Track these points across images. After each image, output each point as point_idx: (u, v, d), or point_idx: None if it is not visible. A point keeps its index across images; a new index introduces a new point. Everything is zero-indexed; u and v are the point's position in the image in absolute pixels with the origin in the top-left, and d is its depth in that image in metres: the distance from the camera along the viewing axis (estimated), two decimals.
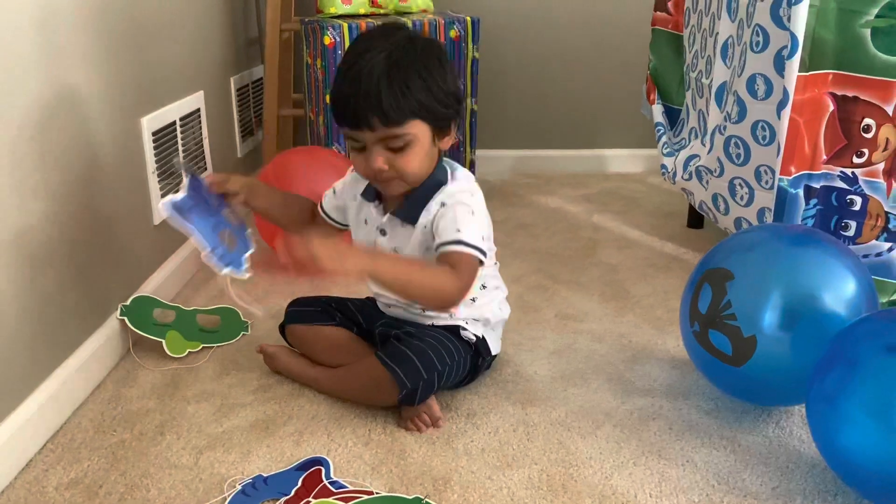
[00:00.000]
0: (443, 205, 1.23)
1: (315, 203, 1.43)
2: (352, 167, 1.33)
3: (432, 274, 1.18)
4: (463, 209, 1.22)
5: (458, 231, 1.19)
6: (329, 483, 1.11)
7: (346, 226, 1.40)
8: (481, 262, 1.22)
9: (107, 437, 1.23)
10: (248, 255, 1.25)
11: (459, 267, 1.18)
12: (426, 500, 1.08)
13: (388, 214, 1.29)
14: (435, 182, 1.25)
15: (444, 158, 1.29)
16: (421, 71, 1.16)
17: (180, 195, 1.22)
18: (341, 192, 1.38)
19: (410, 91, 1.14)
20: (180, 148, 1.78)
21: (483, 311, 1.35)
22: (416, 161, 1.20)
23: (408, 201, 1.26)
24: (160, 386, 1.38)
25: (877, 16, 1.42)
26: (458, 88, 1.23)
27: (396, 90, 1.13)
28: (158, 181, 1.66)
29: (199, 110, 1.93)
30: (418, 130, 1.17)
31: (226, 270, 1.19)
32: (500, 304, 1.40)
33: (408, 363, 1.22)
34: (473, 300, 1.34)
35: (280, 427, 1.26)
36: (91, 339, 1.38)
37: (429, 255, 1.25)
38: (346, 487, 1.10)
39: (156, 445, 1.21)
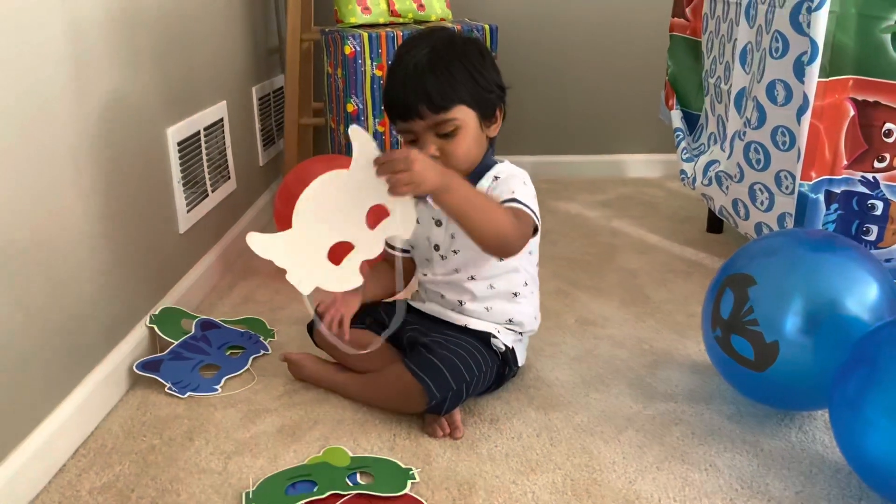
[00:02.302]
0: (495, 178, 1.30)
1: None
2: None
3: (500, 212, 1.20)
4: (516, 181, 1.29)
5: (513, 192, 1.26)
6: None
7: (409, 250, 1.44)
8: (536, 230, 1.29)
9: (137, 443, 1.25)
10: (224, 378, 1.43)
11: (521, 218, 1.24)
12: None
13: None
14: (485, 166, 1.32)
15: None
16: (463, 60, 1.24)
17: (155, 356, 1.46)
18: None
19: (454, 77, 1.23)
20: (204, 158, 1.81)
21: (522, 312, 1.37)
22: (464, 146, 1.26)
23: None
24: None
25: None
26: (500, 79, 1.30)
27: (441, 77, 1.22)
28: (184, 190, 1.69)
29: (222, 120, 1.96)
30: (465, 115, 1.25)
31: (188, 394, 1.38)
32: (535, 314, 1.41)
33: (437, 373, 1.23)
34: (515, 295, 1.36)
35: (306, 432, 1.28)
36: (120, 346, 1.40)
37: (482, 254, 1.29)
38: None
39: (185, 450, 1.23)
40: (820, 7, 1.43)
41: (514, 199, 1.25)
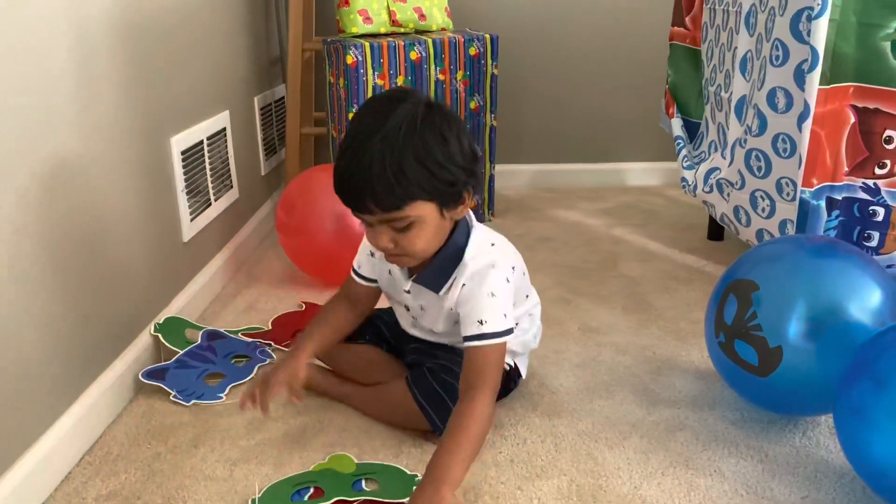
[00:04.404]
0: (464, 286, 1.19)
1: (347, 302, 1.37)
2: None
3: (476, 426, 1.09)
4: (483, 293, 1.17)
5: (481, 323, 1.16)
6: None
7: (376, 281, 1.35)
8: (510, 332, 1.19)
9: (142, 450, 1.25)
10: (230, 386, 1.44)
11: (484, 371, 1.15)
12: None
13: (411, 281, 1.26)
14: (454, 249, 1.20)
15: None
16: (418, 152, 1.06)
17: (160, 364, 1.46)
18: (371, 254, 1.32)
19: (405, 175, 1.06)
20: (207, 167, 1.82)
21: (518, 342, 1.35)
22: (423, 239, 1.14)
23: (429, 269, 1.22)
24: None
25: None
26: (469, 156, 1.13)
27: (390, 177, 1.05)
28: (187, 199, 1.69)
29: (224, 129, 1.96)
30: (421, 211, 1.10)
31: (193, 401, 1.38)
32: (534, 335, 1.41)
33: (441, 405, 1.23)
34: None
35: (311, 439, 1.28)
36: (124, 354, 1.41)
37: (456, 327, 1.24)
38: None
39: (190, 458, 1.23)
40: (820, 15, 1.44)
41: (481, 336, 1.15)
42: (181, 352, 1.49)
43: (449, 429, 1.09)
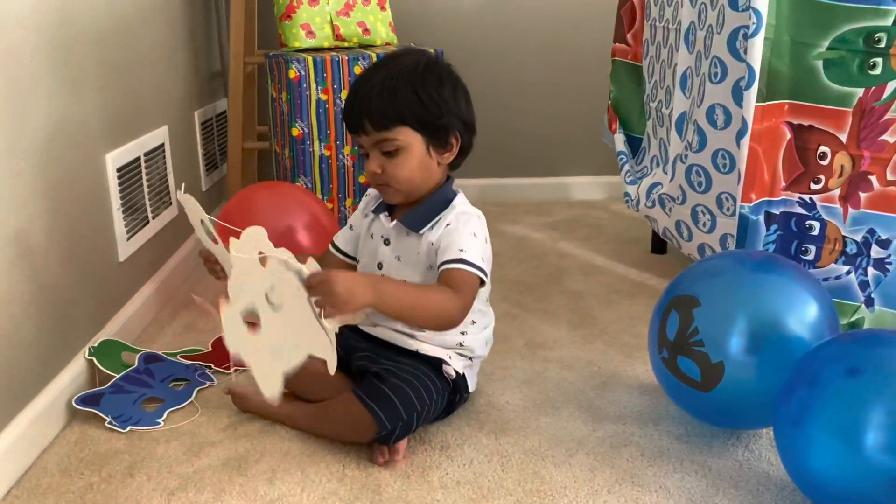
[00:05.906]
0: (448, 225, 1.29)
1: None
2: (365, 194, 1.45)
3: (434, 297, 1.22)
4: (467, 231, 1.28)
5: (462, 251, 1.25)
6: None
7: (355, 259, 1.44)
8: (482, 283, 1.28)
9: (74, 481, 1.20)
10: (168, 411, 1.39)
11: (461, 287, 1.24)
12: None
13: (395, 222, 1.33)
14: (443, 198, 1.32)
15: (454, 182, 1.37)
16: (414, 83, 1.25)
17: (95, 389, 1.41)
18: (355, 222, 1.43)
19: (398, 98, 1.24)
20: (145, 184, 1.77)
21: (472, 339, 1.36)
22: (406, 168, 1.26)
23: (415, 211, 1.31)
24: None
25: (828, 48, 1.47)
26: (459, 107, 1.32)
27: (385, 97, 1.23)
28: (123, 217, 1.64)
29: (163, 145, 1.92)
30: (408, 138, 1.26)
31: (129, 428, 1.33)
32: (486, 340, 1.41)
33: (387, 403, 1.21)
34: (463, 334, 1.35)
35: (252, 465, 1.24)
36: (57, 379, 1.35)
37: (430, 274, 1.29)
38: None
39: (125, 488, 1.18)
40: (756, 34, 1.47)
41: (459, 261, 1.24)
42: (117, 376, 1.44)
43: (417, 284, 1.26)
